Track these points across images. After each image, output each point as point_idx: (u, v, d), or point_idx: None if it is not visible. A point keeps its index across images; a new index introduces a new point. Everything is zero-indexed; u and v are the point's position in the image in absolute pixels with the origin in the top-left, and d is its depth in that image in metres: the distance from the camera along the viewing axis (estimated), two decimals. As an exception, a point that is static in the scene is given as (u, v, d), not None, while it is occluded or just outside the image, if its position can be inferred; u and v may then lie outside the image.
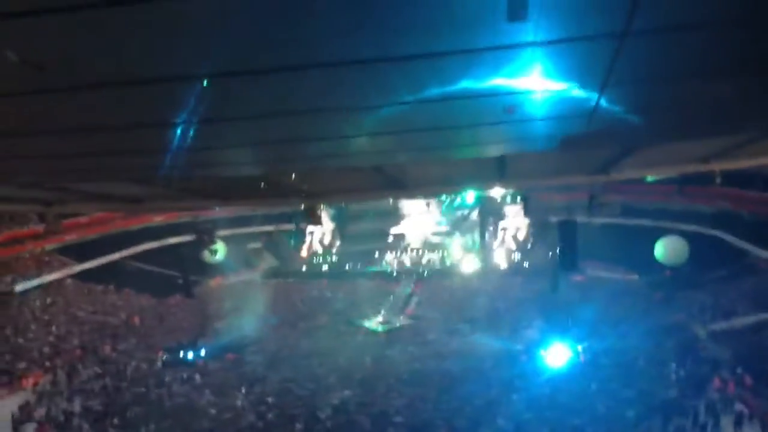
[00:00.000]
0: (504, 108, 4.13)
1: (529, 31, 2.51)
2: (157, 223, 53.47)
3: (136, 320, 40.83)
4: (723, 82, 3.69)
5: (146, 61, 2.83)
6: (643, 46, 2.86)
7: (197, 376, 30.41)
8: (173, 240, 51.45)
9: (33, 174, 7.00)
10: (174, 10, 2.30)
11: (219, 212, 47.58)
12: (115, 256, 49.75)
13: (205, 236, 38.11)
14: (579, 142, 6.93)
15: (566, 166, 10.04)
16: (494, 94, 3.75)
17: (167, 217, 52.62)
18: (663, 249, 38.23)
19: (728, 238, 41.08)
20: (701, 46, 2.92)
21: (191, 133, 4.42)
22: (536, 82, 3.51)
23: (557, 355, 30.36)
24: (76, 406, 26.29)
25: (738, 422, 21.45)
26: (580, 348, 31.04)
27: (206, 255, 41.10)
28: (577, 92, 3.77)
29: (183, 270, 35.84)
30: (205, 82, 3.11)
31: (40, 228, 36.23)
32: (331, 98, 3.65)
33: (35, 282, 42.16)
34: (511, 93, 3.76)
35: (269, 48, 2.69)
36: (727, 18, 2.51)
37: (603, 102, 4.05)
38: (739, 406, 22.73)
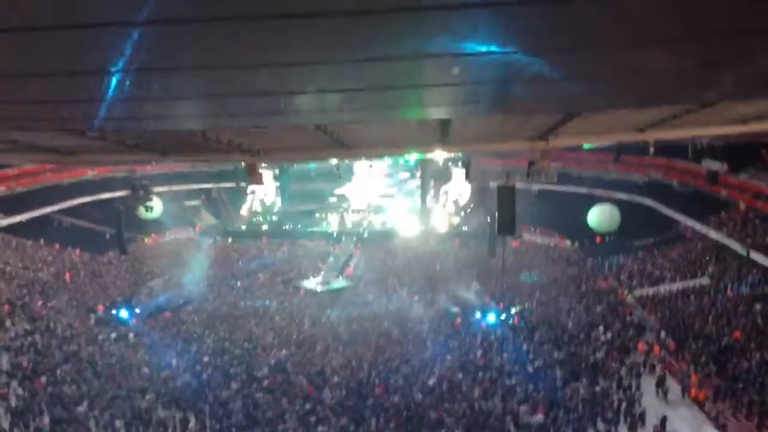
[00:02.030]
0: (449, 70, 4.11)
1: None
2: (91, 176, 52.01)
3: (68, 276, 39.81)
4: (662, 53, 3.75)
5: (83, 4, 2.70)
6: (589, 12, 2.87)
7: (131, 335, 29.97)
8: (107, 195, 50.16)
9: (-43, 121, 6.67)
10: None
11: (156, 167, 46.63)
12: (46, 209, 48.21)
13: (140, 192, 37.11)
14: (521, 108, 7.01)
15: (507, 131, 10.15)
16: (439, 55, 3.73)
17: (101, 171, 51.23)
18: (596, 216, 39.36)
19: (658, 206, 42.53)
20: (643, 15, 2.95)
21: (128, 82, 4.27)
22: (482, 44, 3.50)
23: (492, 318, 31.11)
24: (4, 363, 25.59)
25: (659, 384, 22.47)
26: (513, 311, 31.87)
27: (142, 211, 40.13)
28: (522, 57, 3.78)
29: (117, 226, 34.92)
30: (140, 30, 2.99)
31: (-35, 179, 34.78)
32: (274, 53, 3.56)
33: (-40, 235, 40.62)
34: (456, 55, 3.74)
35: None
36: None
37: (546, 68, 4.08)
38: (660, 370, 23.81)
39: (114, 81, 4.13)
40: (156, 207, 42.23)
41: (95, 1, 2.66)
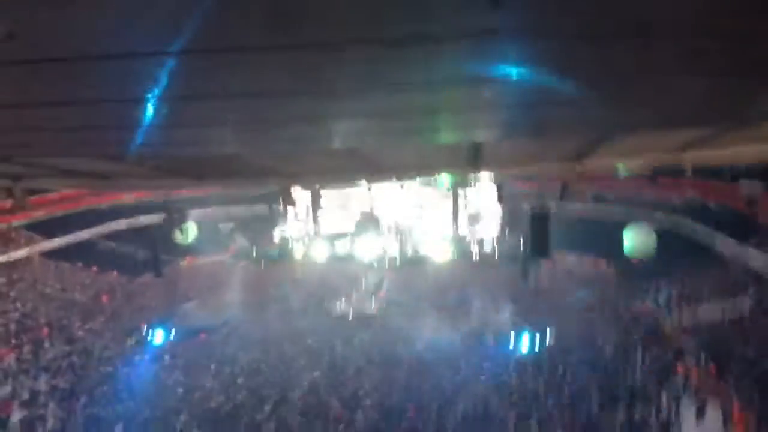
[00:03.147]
0: (480, 94, 4.13)
1: (509, 17, 2.50)
2: (128, 201, 52.76)
3: (105, 299, 40.41)
4: (698, 76, 3.72)
5: (119, 35, 2.77)
6: (622, 41, 2.87)
7: (166, 357, 30.23)
8: (144, 219, 50.85)
9: (0, 148, 6.85)
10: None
11: (192, 192, 47.23)
12: (85, 234, 49.07)
13: (176, 216, 37.64)
14: (554, 130, 6.98)
15: (541, 153, 10.10)
16: (470, 79, 3.74)
17: (138, 196, 51.99)
18: (631, 238, 38.75)
19: (697, 228, 41.73)
20: (680, 42, 2.94)
21: (164, 110, 4.36)
22: (512, 69, 3.51)
23: (526, 341, 30.75)
24: (42, 385, 25.98)
25: (700, 409, 21.90)
26: (548, 334, 31.46)
27: (177, 235, 40.65)
28: (554, 80, 3.78)
29: (153, 249, 35.42)
30: (177, 59, 3.06)
31: (6, 203, 35.58)
32: (307, 80, 3.61)
33: (1, 258, 41.48)
34: (487, 79, 3.76)
35: (246, 26, 2.65)
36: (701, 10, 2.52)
37: (580, 91, 4.07)
38: (701, 394, 23.21)
39: (151, 108, 4.22)
40: (191, 230, 42.80)
41: (133, 31, 2.73)
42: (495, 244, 54.08)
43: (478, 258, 52.20)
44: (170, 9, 2.45)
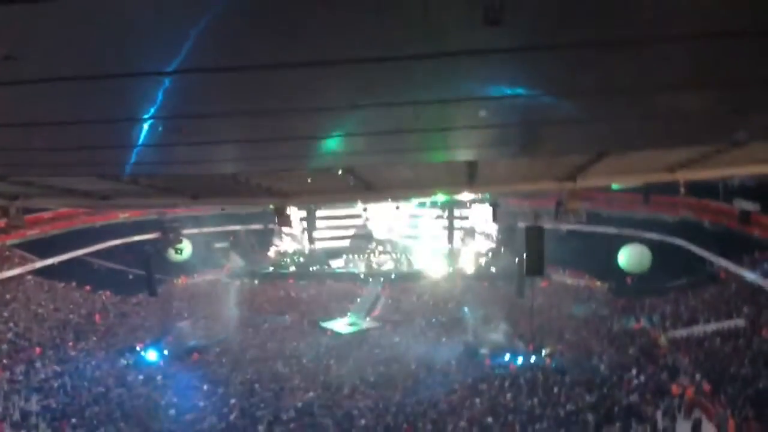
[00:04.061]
0: (475, 113, 4.15)
1: (504, 36, 2.52)
2: (122, 219, 52.75)
3: (98, 318, 40.19)
4: (690, 95, 3.75)
5: (116, 56, 2.78)
6: (612, 56, 2.90)
7: (159, 377, 29.99)
8: (138, 237, 50.77)
9: (-4, 167, 6.86)
10: (146, 6, 2.27)
11: (186, 210, 47.20)
12: (78, 252, 48.95)
13: (170, 234, 37.55)
14: (548, 149, 7.01)
15: (535, 172, 10.14)
16: (466, 98, 3.77)
17: (132, 214, 51.96)
18: (626, 256, 38.82)
19: (690, 246, 41.81)
20: (669, 60, 2.97)
21: (159, 129, 4.37)
22: (508, 88, 3.53)
23: (520, 360, 30.67)
24: (34, 405, 25.74)
25: (695, 428, 21.82)
26: (543, 353, 31.39)
27: (171, 253, 40.56)
28: (548, 99, 3.81)
29: (147, 268, 35.32)
30: (173, 79, 3.07)
31: (1, 222, 35.50)
32: (302, 99, 3.63)
33: (-6, 277, 41.33)
34: (482, 98, 3.78)
35: (240, 47, 2.67)
36: (700, 32, 2.55)
37: (573, 110, 4.10)
38: (696, 413, 23.15)
39: (148, 128, 4.24)
40: (186, 249, 42.72)
41: (132, 53, 2.75)
42: (490, 262, 54.29)
43: (472, 275, 52.40)
44: (168, 31, 2.47)
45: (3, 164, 6.65)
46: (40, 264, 45.69)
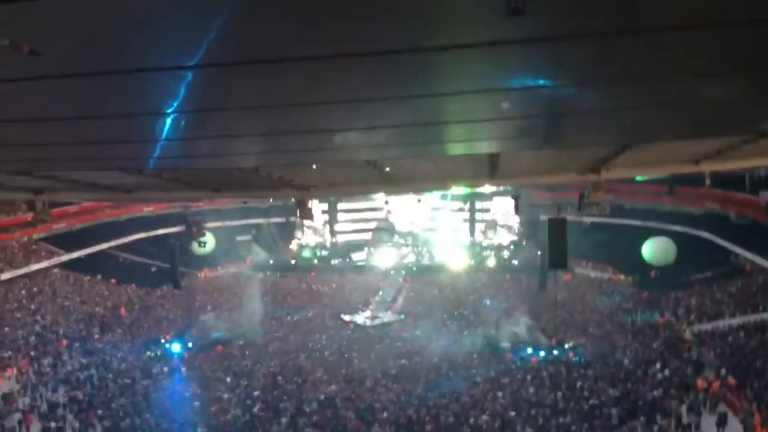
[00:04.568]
0: (497, 105, 4.11)
1: (527, 26, 2.49)
2: (147, 213, 53.39)
3: (123, 311, 40.68)
4: (715, 84, 3.69)
5: (138, 51, 2.79)
6: (640, 44, 2.85)
7: (183, 369, 30.31)
8: (162, 231, 51.28)
9: (23, 162, 6.93)
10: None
11: (209, 204, 47.55)
12: (103, 246, 49.58)
13: (194, 228, 37.89)
14: (571, 141, 6.95)
15: (558, 164, 10.05)
16: (488, 90, 3.74)
17: (156, 208, 52.52)
18: (651, 249, 38.47)
19: (715, 239, 41.31)
20: (694, 47, 2.91)
21: (183, 123, 4.39)
22: (529, 79, 3.50)
23: (543, 354, 30.54)
24: (61, 397, 26.16)
25: (720, 423, 21.60)
26: (567, 346, 31.20)
27: (195, 246, 40.92)
28: (571, 90, 3.76)
29: (171, 261, 35.67)
30: (195, 73, 3.08)
31: (28, 216, 36.01)
32: (325, 91, 3.62)
33: (22, 271, 41.97)
34: (505, 90, 3.74)
35: (263, 40, 2.66)
36: (722, 19, 2.50)
37: (597, 101, 4.05)
38: (722, 407, 22.90)
39: (171, 121, 4.25)
40: (209, 242, 43.05)
41: (154, 47, 2.76)
42: (512, 255, 54.07)
43: (494, 268, 52.23)
44: (190, 24, 2.47)
45: (28, 159, 6.73)
46: (66, 257, 46.39)
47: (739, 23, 2.53)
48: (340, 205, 57.48)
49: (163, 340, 34.19)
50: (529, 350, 31.22)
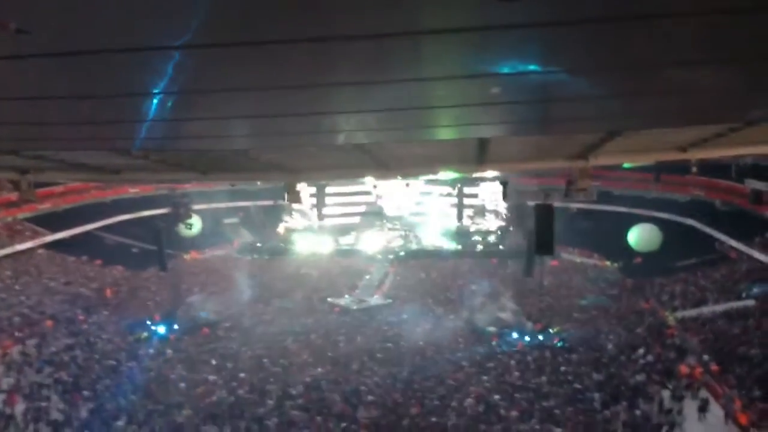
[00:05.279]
0: (487, 90, 4.11)
1: (518, 12, 2.48)
2: (133, 194, 53.09)
3: (109, 292, 40.53)
4: (704, 72, 3.70)
5: (127, 29, 2.76)
6: (630, 31, 2.85)
7: (169, 351, 30.29)
8: (148, 212, 51.05)
9: (9, 141, 6.87)
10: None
11: (196, 186, 47.35)
12: (89, 226, 49.30)
13: (181, 209, 37.75)
14: (561, 128, 6.96)
15: (547, 150, 10.08)
16: (478, 75, 3.73)
17: (143, 189, 52.24)
18: (636, 236, 38.78)
19: (700, 226, 41.67)
20: (685, 35, 2.92)
21: (170, 104, 4.36)
22: (521, 65, 3.49)
23: (528, 339, 30.78)
24: (46, 377, 26.09)
25: (702, 408, 21.89)
26: (551, 331, 31.47)
27: (182, 229, 40.79)
28: (562, 76, 3.77)
29: (158, 243, 35.54)
30: (184, 53, 3.05)
31: (13, 196, 35.71)
32: (313, 74, 3.60)
33: (7, 251, 41.70)
34: (494, 75, 3.74)
35: (252, 21, 2.64)
36: (718, 7, 2.50)
37: (588, 87, 4.05)
38: (703, 393, 23.20)
39: (159, 102, 4.22)
40: (196, 224, 42.91)
41: (142, 26, 2.73)
42: (499, 240, 54.32)
43: (481, 253, 52.47)
44: (182, 3, 2.45)
45: (14, 138, 6.66)
46: (51, 238, 46.11)
47: (736, 11, 2.54)
48: (328, 189, 57.27)
49: (149, 322, 34.14)
50: (515, 335, 31.44)
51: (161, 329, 33.23)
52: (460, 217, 57.04)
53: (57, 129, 5.82)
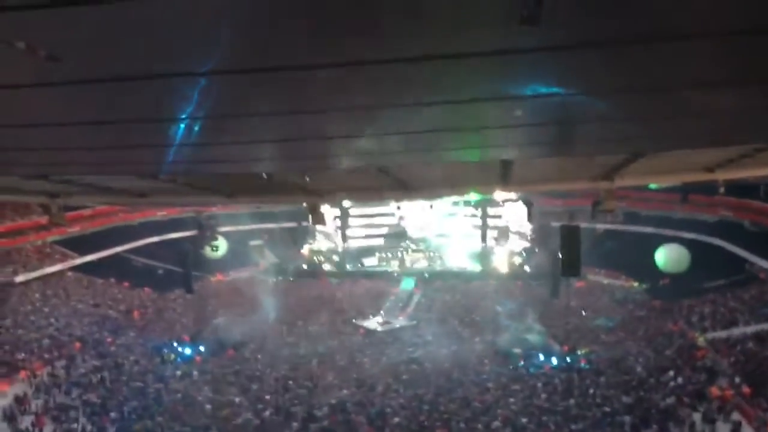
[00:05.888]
0: (511, 113, 4.13)
1: (541, 35, 2.50)
2: (160, 217, 53.66)
3: (136, 314, 40.88)
4: (728, 93, 3.68)
5: (154, 56, 2.83)
6: (653, 55, 2.86)
7: (195, 372, 30.41)
8: (175, 235, 51.56)
9: (38, 166, 7.01)
10: (183, 6, 2.31)
11: (222, 208, 47.78)
12: (117, 249, 49.89)
13: (207, 232, 38.12)
14: (584, 149, 6.93)
15: (571, 171, 10.02)
16: (501, 98, 3.75)
17: (170, 212, 52.80)
18: (664, 256, 38.23)
19: (729, 247, 41.00)
20: (705, 56, 2.92)
21: (197, 129, 4.43)
22: (544, 87, 3.51)
23: (555, 361, 30.40)
24: (74, 399, 26.32)
25: (734, 431, 21.42)
26: (579, 353, 31.06)
27: (207, 251, 41.13)
28: (584, 99, 3.77)
29: (184, 265, 35.84)
30: (210, 79, 3.11)
31: (43, 219, 36.31)
32: (338, 98, 3.65)
33: (36, 273, 42.30)
34: (518, 97, 3.76)
35: (276, 47, 2.69)
36: (733, 28, 2.50)
37: (610, 109, 4.05)
38: (735, 416, 22.71)
39: (185, 127, 4.29)
40: (221, 246, 43.24)
41: (169, 53, 2.79)
42: (524, 261, 53.91)
43: (506, 275, 52.10)
44: (207, 31, 2.50)
45: (44, 163, 6.80)
46: (80, 260, 46.71)
47: (757, 32, 2.53)
48: (352, 211, 57.40)
49: (175, 344, 34.33)
50: (541, 357, 31.08)
51: (187, 351, 33.40)
52: (484, 239, 56.72)
53: (85, 154, 5.93)
